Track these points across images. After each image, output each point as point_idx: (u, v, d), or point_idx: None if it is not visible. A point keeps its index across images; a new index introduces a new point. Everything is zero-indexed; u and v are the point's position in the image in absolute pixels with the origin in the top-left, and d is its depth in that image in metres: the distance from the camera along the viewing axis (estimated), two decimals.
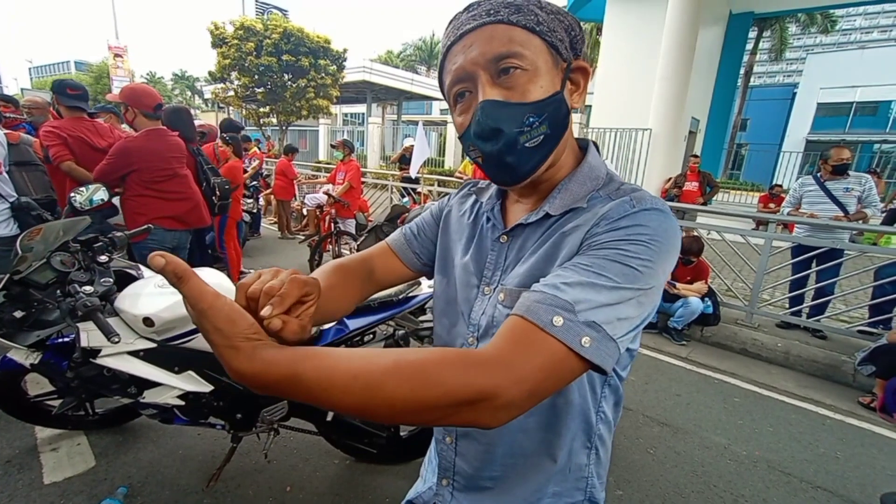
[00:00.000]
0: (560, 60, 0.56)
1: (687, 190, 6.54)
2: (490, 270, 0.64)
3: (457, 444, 0.68)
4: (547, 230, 0.59)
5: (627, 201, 0.53)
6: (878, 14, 43.58)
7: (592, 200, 0.58)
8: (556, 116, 0.54)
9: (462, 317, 0.66)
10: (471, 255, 0.67)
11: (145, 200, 2.55)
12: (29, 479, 1.85)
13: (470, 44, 0.53)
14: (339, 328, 1.67)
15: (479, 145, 0.55)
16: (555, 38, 0.54)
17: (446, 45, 0.56)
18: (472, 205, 0.73)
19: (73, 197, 2.28)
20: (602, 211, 0.54)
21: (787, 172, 13.35)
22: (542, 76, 0.53)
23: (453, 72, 0.55)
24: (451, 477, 0.70)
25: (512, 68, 0.52)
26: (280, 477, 1.96)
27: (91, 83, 31.29)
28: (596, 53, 18.98)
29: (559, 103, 0.55)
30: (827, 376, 3.28)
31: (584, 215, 0.56)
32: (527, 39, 0.53)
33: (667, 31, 8.42)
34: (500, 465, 0.65)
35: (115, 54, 14.29)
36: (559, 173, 0.61)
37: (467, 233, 0.70)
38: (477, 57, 0.53)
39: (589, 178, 0.60)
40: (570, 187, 0.59)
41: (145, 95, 2.58)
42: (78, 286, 1.39)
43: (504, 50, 0.52)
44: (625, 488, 2.03)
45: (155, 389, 1.55)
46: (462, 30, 0.54)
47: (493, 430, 0.47)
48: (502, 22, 0.52)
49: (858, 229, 4.01)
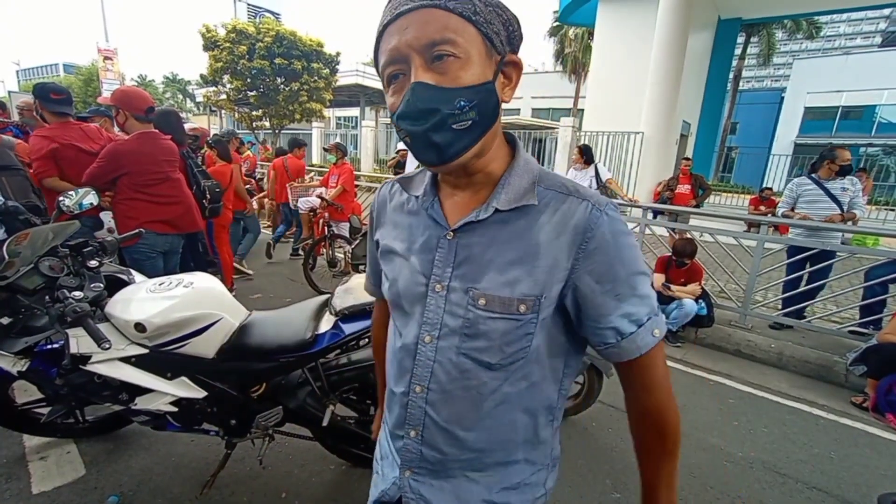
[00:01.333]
0: (494, 52, 0.56)
1: (679, 193, 6.60)
2: (440, 268, 0.64)
3: (423, 437, 0.69)
4: (501, 229, 0.61)
5: (593, 207, 0.59)
6: (861, 21, 44.50)
7: (543, 198, 0.61)
8: (485, 104, 0.55)
9: (413, 316, 0.67)
10: (416, 254, 0.66)
11: (136, 204, 2.51)
12: (17, 488, 1.80)
13: (405, 26, 0.53)
14: (335, 333, 1.65)
15: (407, 125, 0.56)
16: (490, 29, 0.55)
17: (382, 24, 0.56)
18: (405, 202, 0.72)
19: (61, 201, 2.24)
20: (575, 215, 0.59)
21: (777, 175, 13.54)
22: (474, 64, 0.54)
23: (388, 52, 0.55)
24: (415, 468, 0.71)
25: (445, 55, 0.53)
26: (275, 483, 1.93)
27: (80, 86, 30.94)
28: (588, 58, 19.18)
29: (489, 93, 0.56)
30: (820, 377, 3.31)
31: (544, 218, 0.60)
32: (461, 27, 0.53)
33: (657, 36, 8.53)
34: (473, 449, 0.67)
35: (105, 57, 14.13)
36: (492, 165, 0.63)
37: (407, 232, 0.69)
38: (411, 40, 0.53)
39: (526, 172, 0.63)
40: (512, 181, 0.62)
41: (136, 98, 2.55)
42: (67, 291, 1.36)
43: (438, 36, 0.52)
44: (622, 491, 2.03)
45: (147, 396, 1.52)
46: (399, 10, 0.54)
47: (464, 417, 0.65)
48: (439, 7, 0.52)
49: (852, 231, 4.07)
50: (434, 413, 0.67)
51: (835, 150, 3.72)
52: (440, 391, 0.65)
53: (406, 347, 0.68)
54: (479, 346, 0.62)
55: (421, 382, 0.66)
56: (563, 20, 15.72)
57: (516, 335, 0.61)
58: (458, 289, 0.62)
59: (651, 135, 8.68)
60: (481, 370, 0.63)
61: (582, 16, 12.65)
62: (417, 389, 0.67)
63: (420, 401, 0.67)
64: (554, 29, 23.78)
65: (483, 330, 0.61)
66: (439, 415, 0.66)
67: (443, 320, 0.64)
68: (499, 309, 0.60)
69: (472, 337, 0.62)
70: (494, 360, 0.62)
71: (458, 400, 0.65)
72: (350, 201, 5.48)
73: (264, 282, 4.85)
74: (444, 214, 0.65)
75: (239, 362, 1.57)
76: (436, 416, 0.67)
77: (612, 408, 2.70)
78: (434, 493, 0.70)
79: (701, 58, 11.62)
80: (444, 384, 0.65)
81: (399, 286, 0.68)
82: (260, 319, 1.67)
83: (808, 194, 3.82)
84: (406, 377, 0.68)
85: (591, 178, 5.19)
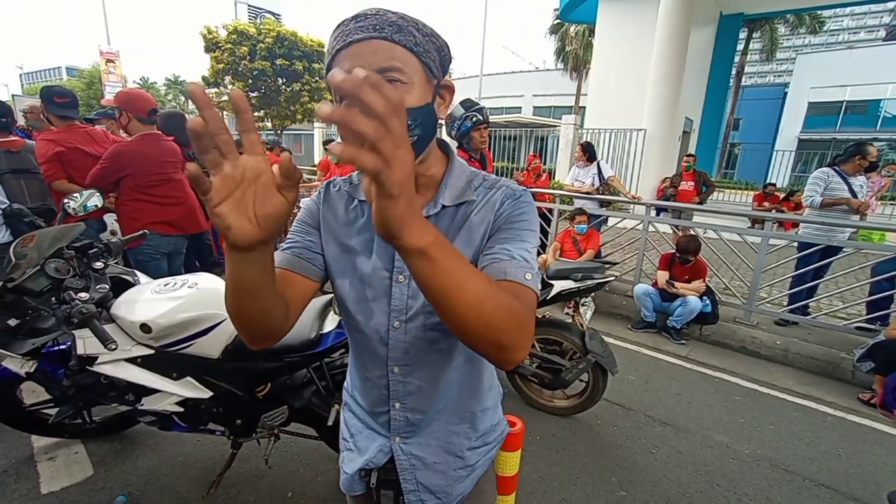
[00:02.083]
0: (431, 77, 0.65)
1: (683, 190, 6.56)
2: (400, 261, 0.71)
3: (406, 404, 0.78)
4: (450, 221, 0.72)
5: (508, 191, 0.73)
6: (864, 14, 44.17)
7: (478, 192, 0.73)
8: (427, 122, 0.64)
9: (378, 308, 0.74)
10: (376, 252, 0.73)
11: (140, 205, 2.52)
12: (26, 488, 1.81)
13: (357, 53, 0.59)
14: (340, 332, 1.66)
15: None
16: (428, 58, 0.63)
17: (335, 49, 0.62)
18: (355, 206, 0.76)
19: (66, 203, 2.25)
20: (495, 198, 0.72)
21: (780, 171, 13.47)
22: (417, 89, 0.62)
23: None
24: (402, 433, 0.80)
25: (394, 80, 0.60)
26: (281, 483, 1.93)
27: (83, 89, 31.06)
28: (589, 55, 19.12)
29: (430, 113, 0.64)
30: (826, 373, 3.29)
31: (479, 205, 0.72)
32: (405, 57, 0.61)
33: (658, 33, 8.49)
34: (443, 398, 0.79)
35: (107, 59, 14.16)
36: (431, 169, 0.72)
37: (365, 234, 0.74)
38: (363, 65, 0.58)
39: (461, 172, 0.74)
40: (452, 182, 0.73)
41: (139, 100, 2.56)
42: (73, 293, 1.37)
43: (387, 64, 0.59)
44: (628, 489, 2.02)
45: (153, 396, 1.53)
46: (350, 38, 0.60)
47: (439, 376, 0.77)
48: (386, 39, 0.60)
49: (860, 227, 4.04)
50: (414, 380, 0.76)
51: (864, 145, 3.66)
52: (415, 362, 0.75)
53: (375, 338, 0.75)
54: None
55: (398, 363, 0.75)
56: (564, 18, 15.69)
57: None
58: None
59: (653, 132, 8.65)
60: (448, 336, 0.73)
61: (583, 13, 12.63)
62: (396, 370, 0.76)
63: (399, 377, 0.76)
64: (555, 27, 23.73)
65: None
66: (420, 380, 0.76)
67: (407, 304, 0.72)
68: None
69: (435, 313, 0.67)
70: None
71: (432, 364, 0.76)
72: None
73: None
74: None
75: (244, 362, 1.58)
76: (416, 382, 0.76)
77: (617, 405, 2.69)
78: (423, 449, 0.81)
79: (703, 54, 11.56)
80: (417, 357, 0.74)
81: (365, 283, 0.74)
82: None
83: (835, 187, 3.71)
84: (381, 362, 0.76)
85: (594, 176, 5.16)
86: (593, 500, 1.95)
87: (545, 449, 2.25)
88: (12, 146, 2.61)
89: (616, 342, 3.65)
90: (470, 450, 0.84)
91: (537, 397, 2.60)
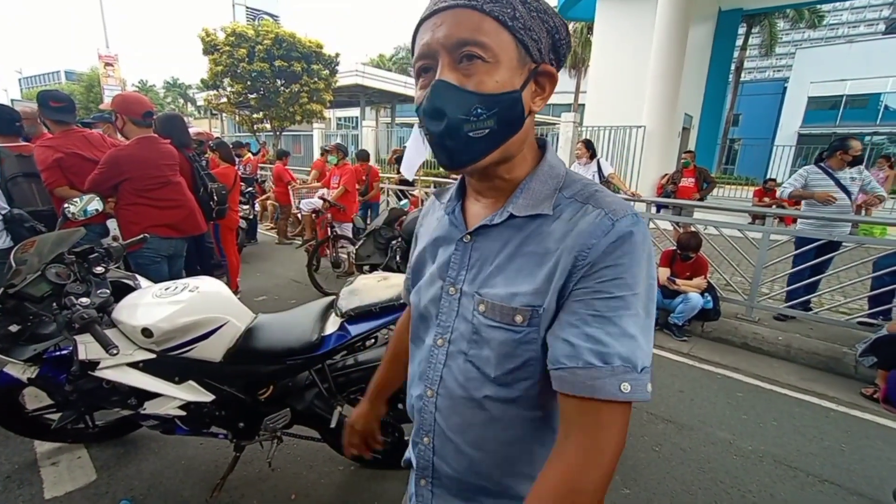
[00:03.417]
0: (529, 60, 0.55)
1: (683, 186, 6.55)
2: (455, 270, 0.64)
3: (434, 445, 0.67)
4: (514, 235, 0.59)
5: (604, 216, 0.53)
6: (864, 8, 44.02)
7: (559, 206, 0.57)
8: (507, 114, 0.54)
9: (431, 317, 0.67)
10: (437, 257, 0.68)
11: (139, 209, 2.52)
12: (29, 494, 1.82)
13: (440, 23, 0.53)
14: (341, 334, 1.65)
15: (426, 123, 0.56)
16: (528, 36, 0.54)
17: (421, 18, 0.56)
18: (437, 210, 0.74)
19: (66, 208, 2.25)
20: (584, 224, 0.54)
21: (781, 166, 13.42)
22: (501, 71, 0.53)
23: (420, 46, 0.56)
24: (429, 478, 0.69)
25: (474, 57, 0.52)
26: (284, 485, 1.93)
27: (82, 93, 31.10)
28: (588, 53, 19.08)
29: (514, 102, 0.54)
30: (829, 368, 3.28)
31: (555, 226, 0.56)
32: (495, 31, 0.52)
33: (657, 29, 8.47)
34: (482, 473, 0.64)
35: (106, 63, 14.19)
36: (517, 171, 0.60)
37: (433, 236, 0.70)
38: (442, 38, 0.53)
39: (550, 177, 0.60)
40: (532, 186, 0.59)
41: (134, 103, 2.56)
42: (74, 298, 1.37)
43: (469, 37, 0.51)
44: (632, 487, 2.02)
45: (155, 400, 1.53)
46: (436, 6, 0.54)
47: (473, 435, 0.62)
48: (476, 9, 0.52)
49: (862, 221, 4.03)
50: (442, 420, 0.65)
51: (847, 140, 3.70)
52: (448, 397, 0.64)
53: (424, 351, 0.68)
54: (482, 354, 0.60)
55: (432, 386, 0.66)
56: (563, 15, 15.64)
57: (515, 348, 0.57)
58: (469, 293, 0.62)
59: (653, 128, 8.62)
60: (484, 381, 0.60)
61: (581, 10, 12.60)
62: (429, 393, 0.67)
63: (431, 405, 0.66)
64: None
65: (485, 338, 0.59)
66: (446, 422, 0.65)
67: (454, 324, 0.63)
68: (497, 317, 0.58)
69: (476, 343, 0.61)
70: (494, 372, 0.59)
71: (463, 411, 0.63)
72: (352, 202, 5.49)
73: (269, 283, 4.86)
74: (465, 218, 0.66)
75: (246, 365, 1.58)
76: (443, 423, 0.65)
77: None
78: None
79: (702, 50, 11.53)
80: (451, 390, 0.64)
81: (422, 289, 0.69)
82: (266, 322, 1.67)
83: (818, 183, 3.78)
84: (421, 380, 0.68)
85: (594, 174, 5.16)
86: None
87: None
88: (24, 150, 2.63)
89: None
90: None
91: None
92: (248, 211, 6.19)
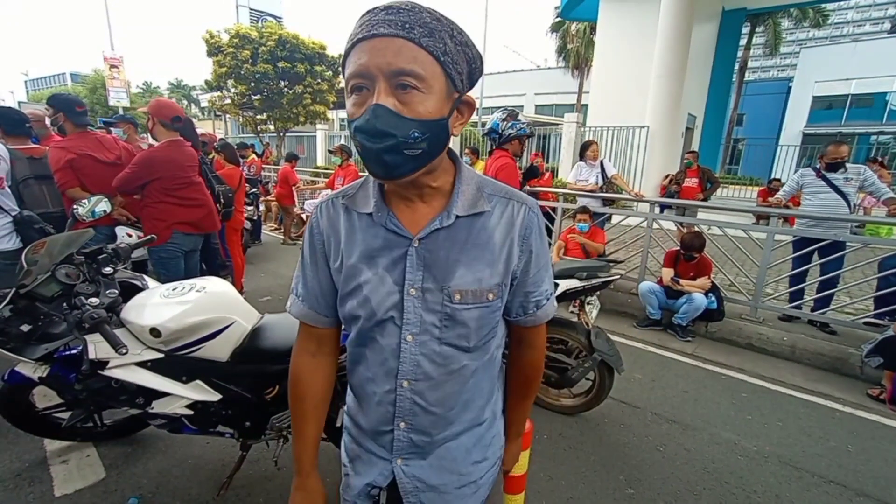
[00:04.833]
0: (453, 91, 0.62)
1: (687, 186, 6.54)
2: (412, 273, 0.69)
3: (412, 425, 0.76)
4: (461, 231, 0.70)
5: (528, 209, 0.73)
6: (869, 7, 43.74)
7: (492, 201, 0.72)
8: (436, 137, 0.61)
9: (392, 320, 0.71)
10: (384, 266, 0.70)
11: (164, 207, 2.65)
12: (40, 492, 1.84)
13: (379, 48, 0.56)
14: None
15: (362, 140, 0.59)
16: (455, 69, 0.60)
17: (356, 37, 0.58)
18: (353, 219, 0.73)
19: (75, 209, 2.28)
20: (517, 218, 0.72)
21: (785, 166, 13.36)
22: (433, 100, 0.58)
23: (357, 66, 0.58)
24: (405, 455, 0.78)
25: (410, 87, 0.57)
26: (290, 484, 1.94)
27: (87, 94, 31.29)
28: (590, 53, 19.06)
29: (442, 128, 0.61)
30: (834, 369, 3.27)
31: (495, 219, 0.71)
32: (430, 64, 0.57)
33: (661, 29, 8.46)
34: (450, 415, 0.77)
35: (111, 65, 14.23)
36: (439, 179, 0.70)
37: (367, 248, 0.71)
38: (382, 64, 0.56)
39: (471, 180, 0.72)
40: (463, 190, 0.70)
41: (166, 107, 2.70)
42: (84, 298, 1.39)
43: (408, 68, 0.56)
44: (636, 487, 2.02)
45: (163, 399, 1.55)
46: (375, 31, 0.56)
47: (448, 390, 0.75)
48: (413, 41, 0.56)
49: (860, 221, 4.02)
50: (422, 400, 0.74)
51: (829, 145, 3.76)
52: (426, 379, 0.73)
53: (387, 350, 0.73)
54: (458, 333, 0.72)
55: (408, 377, 0.73)
56: (565, 16, 15.66)
57: (488, 319, 0.73)
58: (433, 289, 0.70)
59: (656, 129, 8.61)
60: (461, 353, 0.73)
61: (583, 11, 12.60)
62: (405, 384, 0.73)
63: (408, 392, 0.74)
64: (556, 25, 23.66)
65: (461, 320, 0.71)
66: (427, 401, 0.74)
67: (422, 318, 0.70)
68: (472, 300, 0.70)
69: (450, 327, 0.71)
70: (472, 343, 0.73)
71: (443, 384, 0.74)
72: None
73: (274, 284, 4.89)
74: (404, 225, 0.70)
75: (252, 365, 1.59)
76: (423, 402, 0.74)
77: (623, 404, 2.69)
78: (425, 471, 0.79)
79: (705, 49, 11.50)
80: (429, 373, 0.73)
81: (373, 300, 0.71)
82: (272, 322, 1.69)
83: (810, 186, 3.83)
84: (391, 375, 0.74)
85: (598, 175, 5.15)
86: (601, 499, 1.95)
87: (552, 448, 2.25)
88: (35, 153, 2.72)
89: (622, 340, 3.64)
90: (474, 464, 0.82)
91: (544, 396, 2.60)
92: (253, 212, 6.22)
